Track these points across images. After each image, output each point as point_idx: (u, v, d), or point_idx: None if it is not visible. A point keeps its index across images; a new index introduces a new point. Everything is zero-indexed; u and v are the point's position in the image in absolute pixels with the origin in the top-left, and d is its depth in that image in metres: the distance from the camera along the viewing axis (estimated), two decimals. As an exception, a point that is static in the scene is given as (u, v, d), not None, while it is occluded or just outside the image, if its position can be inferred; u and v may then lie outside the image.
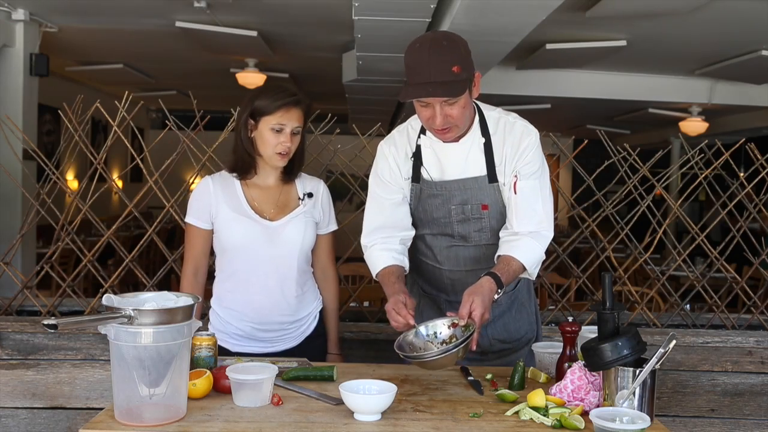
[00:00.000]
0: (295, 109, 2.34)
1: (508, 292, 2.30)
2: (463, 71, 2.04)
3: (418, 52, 2.05)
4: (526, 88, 8.03)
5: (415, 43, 2.09)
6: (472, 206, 2.24)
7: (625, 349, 1.78)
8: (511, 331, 2.39)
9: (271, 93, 2.35)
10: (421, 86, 2.04)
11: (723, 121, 10.09)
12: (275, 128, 2.32)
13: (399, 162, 2.29)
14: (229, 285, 2.44)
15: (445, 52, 2.04)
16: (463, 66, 2.04)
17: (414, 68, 2.05)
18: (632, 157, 3.31)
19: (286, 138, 2.34)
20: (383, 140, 2.37)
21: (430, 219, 2.30)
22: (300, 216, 2.42)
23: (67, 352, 2.90)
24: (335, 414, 1.81)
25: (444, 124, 2.10)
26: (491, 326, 2.36)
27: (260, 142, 2.36)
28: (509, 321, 2.39)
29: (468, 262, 2.32)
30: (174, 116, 3.24)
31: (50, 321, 1.62)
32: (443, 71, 2.02)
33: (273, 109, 2.32)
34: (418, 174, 2.27)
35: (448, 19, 4.42)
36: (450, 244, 2.31)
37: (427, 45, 2.05)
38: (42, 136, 8.26)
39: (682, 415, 2.95)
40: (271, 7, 5.75)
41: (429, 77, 2.02)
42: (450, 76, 2.02)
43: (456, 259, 2.33)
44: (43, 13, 6.27)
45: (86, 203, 3.11)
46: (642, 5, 5.04)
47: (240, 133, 2.38)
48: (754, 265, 3.36)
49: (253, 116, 2.35)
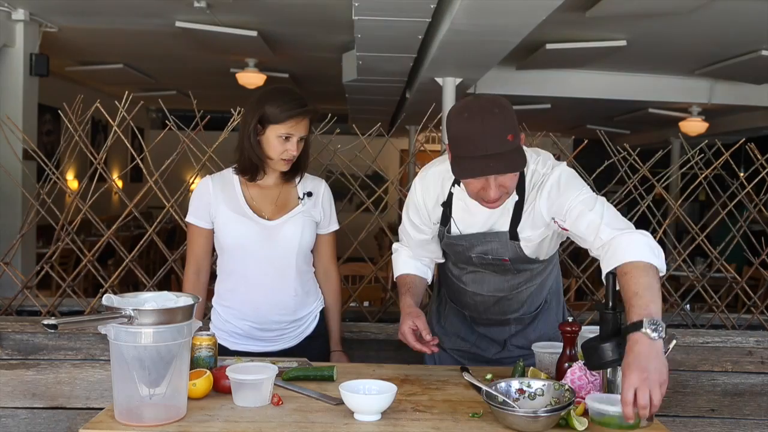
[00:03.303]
0: (304, 120, 2.33)
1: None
2: (515, 138, 1.90)
3: (470, 121, 1.88)
4: (526, 88, 8.02)
5: (463, 112, 1.91)
6: (492, 257, 2.19)
7: (625, 348, 1.78)
8: (531, 339, 2.36)
9: (280, 100, 2.32)
10: (479, 160, 1.87)
11: (723, 121, 10.09)
12: (283, 136, 2.32)
13: (428, 207, 2.23)
14: (229, 284, 2.44)
15: (499, 120, 1.88)
16: (515, 133, 1.90)
17: (466, 139, 1.88)
18: (632, 157, 3.31)
19: (293, 146, 2.33)
20: (418, 178, 2.27)
21: (453, 257, 2.29)
22: (299, 215, 2.42)
23: (67, 352, 2.90)
24: (335, 414, 1.81)
25: (498, 195, 1.97)
26: (514, 337, 2.38)
27: (266, 147, 2.35)
28: (530, 330, 2.39)
29: (491, 288, 2.29)
30: (174, 116, 3.24)
31: (50, 321, 1.62)
32: (500, 142, 1.87)
33: (283, 119, 2.30)
34: (447, 220, 2.21)
35: (448, 19, 4.42)
36: (475, 270, 2.29)
37: (480, 114, 1.88)
38: (42, 136, 8.26)
39: (682, 415, 2.95)
40: (271, 7, 5.75)
41: (486, 149, 1.86)
42: (507, 146, 1.87)
43: (480, 283, 2.30)
44: (43, 13, 6.27)
45: (86, 203, 3.11)
46: (642, 5, 5.04)
47: (249, 137, 2.34)
48: (754, 265, 3.36)
49: (261, 122, 2.33)
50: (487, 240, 2.16)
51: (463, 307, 2.41)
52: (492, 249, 2.17)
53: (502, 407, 1.74)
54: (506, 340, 2.39)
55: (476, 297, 2.32)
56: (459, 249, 2.22)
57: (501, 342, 2.40)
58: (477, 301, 2.33)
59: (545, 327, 2.39)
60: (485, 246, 2.17)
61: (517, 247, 2.15)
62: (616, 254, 1.83)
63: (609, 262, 1.84)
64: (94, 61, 8.57)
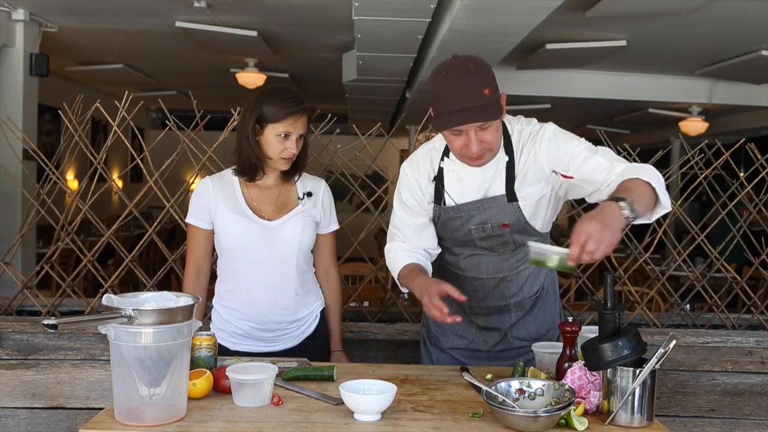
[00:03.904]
0: (302, 117, 2.34)
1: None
2: (494, 92, 1.99)
3: (447, 78, 1.99)
4: (526, 88, 8.03)
5: (441, 71, 2.02)
6: (492, 225, 2.20)
7: (625, 349, 1.78)
8: (532, 330, 2.37)
9: (277, 99, 2.32)
10: (456, 113, 1.97)
11: (723, 121, 10.09)
12: (282, 135, 2.32)
13: (422, 185, 2.26)
14: (229, 285, 2.44)
15: (475, 75, 1.98)
16: (493, 87, 1.99)
17: (444, 96, 1.98)
18: (632, 157, 3.31)
19: (292, 144, 2.33)
20: (406, 162, 2.32)
21: (452, 237, 2.29)
22: (298, 216, 2.42)
23: (67, 352, 2.90)
24: (335, 414, 1.81)
25: (480, 151, 2.04)
26: (514, 328, 2.36)
27: (265, 147, 2.35)
28: (530, 321, 2.37)
29: (491, 270, 2.30)
30: (174, 116, 3.24)
31: (50, 321, 1.62)
32: (476, 95, 1.96)
33: (281, 117, 2.30)
34: (440, 197, 2.23)
35: (448, 19, 4.42)
36: (472, 253, 2.29)
37: (455, 70, 1.99)
38: (42, 136, 8.26)
39: (682, 415, 2.95)
40: (271, 7, 5.75)
41: (463, 103, 1.96)
42: (483, 99, 1.96)
43: (479, 266, 2.30)
44: (43, 13, 6.27)
45: (86, 203, 3.11)
46: (642, 5, 5.04)
47: (247, 138, 2.34)
48: (754, 265, 3.36)
49: (259, 122, 2.33)
50: (485, 207, 2.18)
51: None
52: (491, 216, 2.19)
53: (502, 407, 1.74)
54: (507, 330, 2.37)
55: (476, 282, 2.31)
56: (457, 223, 2.22)
57: (502, 332, 2.37)
58: (476, 287, 2.32)
59: (544, 316, 2.39)
60: (484, 214, 2.19)
61: (516, 208, 2.17)
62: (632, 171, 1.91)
63: (624, 175, 1.90)
64: (94, 61, 8.57)
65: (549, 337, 2.39)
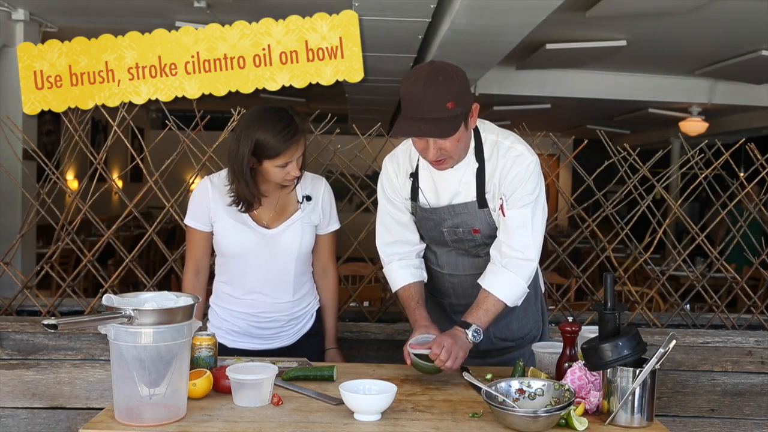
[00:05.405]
0: (300, 141, 2.27)
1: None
2: (457, 106, 1.98)
3: (413, 85, 1.99)
4: (526, 88, 8.03)
5: (411, 76, 2.02)
6: (463, 230, 2.23)
7: (625, 349, 1.78)
8: (514, 330, 2.38)
9: (272, 129, 2.20)
10: (413, 122, 1.98)
11: (723, 121, 10.09)
12: (282, 165, 2.26)
13: (400, 180, 2.29)
14: (228, 287, 2.45)
15: (440, 87, 1.97)
16: (458, 101, 1.98)
17: (406, 102, 2.00)
18: (632, 157, 3.31)
19: (294, 168, 2.29)
20: (387, 156, 2.35)
21: (427, 235, 2.33)
22: (297, 222, 2.40)
23: (67, 352, 2.90)
24: (335, 414, 1.81)
25: (438, 157, 2.06)
26: (494, 326, 2.36)
27: (265, 174, 2.29)
28: (512, 320, 2.38)
29: (467, 267, 2.32)
30: (174, 116, 3.23)
31: (50, 321, 1.62)
32: (437, 108, 1.96)
33: (280, 152, 2.22)
34: (416, 194, 2.26)
35: (448, 19, 4.42)
36: (448, 251, 2.32)
37: (422, 79, 1.98)
38: (42, 136, 8.24)
39: (682, 415, 2.95)
40: (271, 7, 5.74)
41: (422, 113, 1.97)
42: (443, 112, 1.96)
43: (455, 264, 2.33)
44: (43, 13, 6.27)
45: (86, 203, 3.11)
46: (642, 5, 5.04)
47: (243, 172, 2.24)
48: (754, 265, 3.36)
49: (256, 154, 2.23)
50: (456, 212, 2.21)
51: (442, 295, 2.41)
52: (462, 221, 2.21)
53: (502, 407, 1.74)
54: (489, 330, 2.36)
55: (453, 279, 2.34)
56: (430, 224, 2.26)
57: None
58: (455, 283, 2.35)
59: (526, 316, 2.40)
60: (455, 219, 2.21)
61: (487, 214, 2.19)
62: (499, 285, 2.16)
63: (492, 285, 2.17)
64: (94, 61, 8.56)
65: (531, 337, 2.40)
